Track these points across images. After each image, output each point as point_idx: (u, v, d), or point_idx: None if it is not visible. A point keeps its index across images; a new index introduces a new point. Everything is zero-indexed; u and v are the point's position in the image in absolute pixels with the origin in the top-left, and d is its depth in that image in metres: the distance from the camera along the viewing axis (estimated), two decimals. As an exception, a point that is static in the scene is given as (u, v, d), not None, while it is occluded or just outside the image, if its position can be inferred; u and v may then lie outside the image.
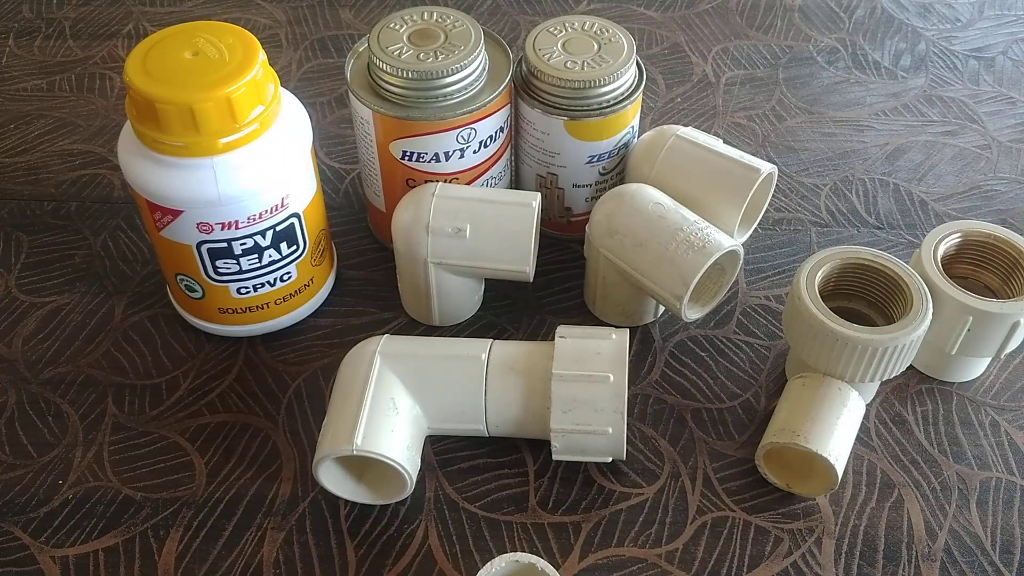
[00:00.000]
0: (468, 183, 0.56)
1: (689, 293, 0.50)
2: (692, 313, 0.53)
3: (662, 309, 0.58)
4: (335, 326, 0.58)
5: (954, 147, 0.70)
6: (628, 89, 0.56)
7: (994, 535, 0.48)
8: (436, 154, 0.54)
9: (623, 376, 0.47)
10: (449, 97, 0.52)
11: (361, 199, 0.65)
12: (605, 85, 0.54)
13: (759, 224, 0.62)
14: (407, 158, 0.55)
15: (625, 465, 0.51)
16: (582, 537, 0.48)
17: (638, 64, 0.57)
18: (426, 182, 0.55)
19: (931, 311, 0.49)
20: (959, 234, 0.53)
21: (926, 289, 0.49)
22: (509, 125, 0.57)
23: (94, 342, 0.57)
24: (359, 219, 0.64)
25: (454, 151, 0.54)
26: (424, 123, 0.53)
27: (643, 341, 0.57)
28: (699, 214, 0.53)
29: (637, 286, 0.53)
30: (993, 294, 0.54)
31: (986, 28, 0.81)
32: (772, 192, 0.59)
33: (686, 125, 0.59)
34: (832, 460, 0.47)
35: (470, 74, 0.53)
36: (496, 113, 0.54)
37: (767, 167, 0.55)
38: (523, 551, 0.44)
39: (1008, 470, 0.51)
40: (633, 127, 0.58)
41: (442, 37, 0.53)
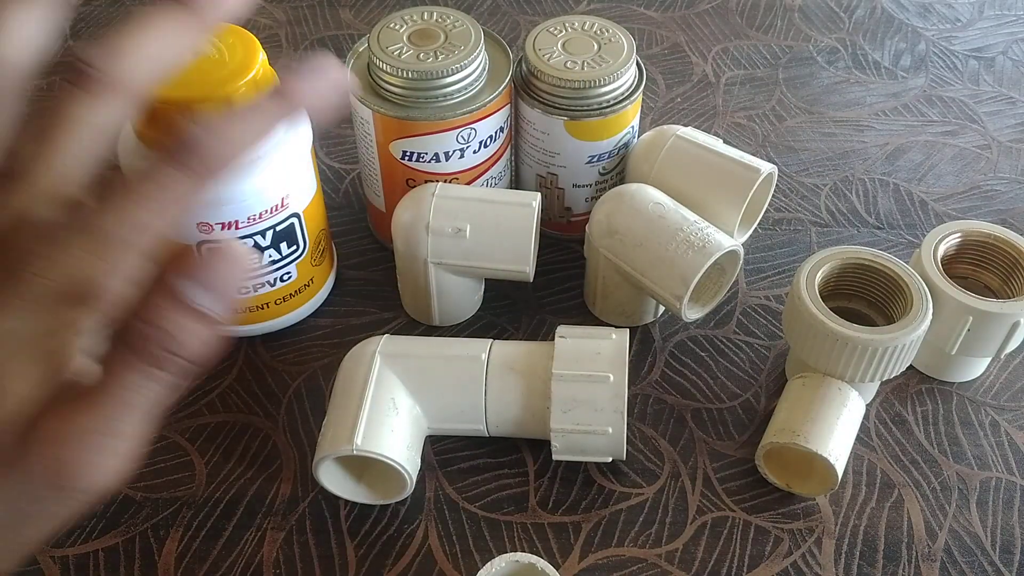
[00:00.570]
0: (468, 183, 0.56)
1: (689, 293, 0.50)
2: (692, 313, 0.53)
3: (662, 309, 0.58)
4: (335, 326, 0.58)
5: (954, 147, 0.70)
6: (628, 89, 0.56)
7: (994, 535, 0.48)
8: (436, 154, 0.54)
9: (623, 376, 0.47)
10: (449, 97, 0.52)
11: (361, 199, 0.65)
12: (605, 85, 0.54)
13: (759, 224, 0.62)
14: (407, 158, 0.55)
15: (625, 465, 0.51)
16: (582, 537, 0.48)
17: (638, 64, 0.57)
18: (426, 182, 0.55)
19: (931, 311, 0.49)
20: (959, 234, 0.53)
21: (926, 289, 0.49)
22: (509, 125, 0.57)
23: (94, 342, 0.57)
24: (359, 219, 0.64)
25: (454, 151, 0.54)
26: (424, 123, 0.53)
27: (643, 341, 0.57)
28: (699, 214, 0.53)
29: (637, 286, 0.53)
30: (993, 294, 0.54)
31: (986, 28, 0.81)
32: (772, 192, 0.59)
33: (686, 125, 0.58)
34: (832, 460, 0.47)
35: (470, 74, 0.53)
36: (496, 113, 0.54)
37: (767, 167, 0.55)
38: (523, 551, 0.44)
39: (1008, 470, 0.51)
40: (633, 127, 0.58)
41: (442, 37, 0.53)
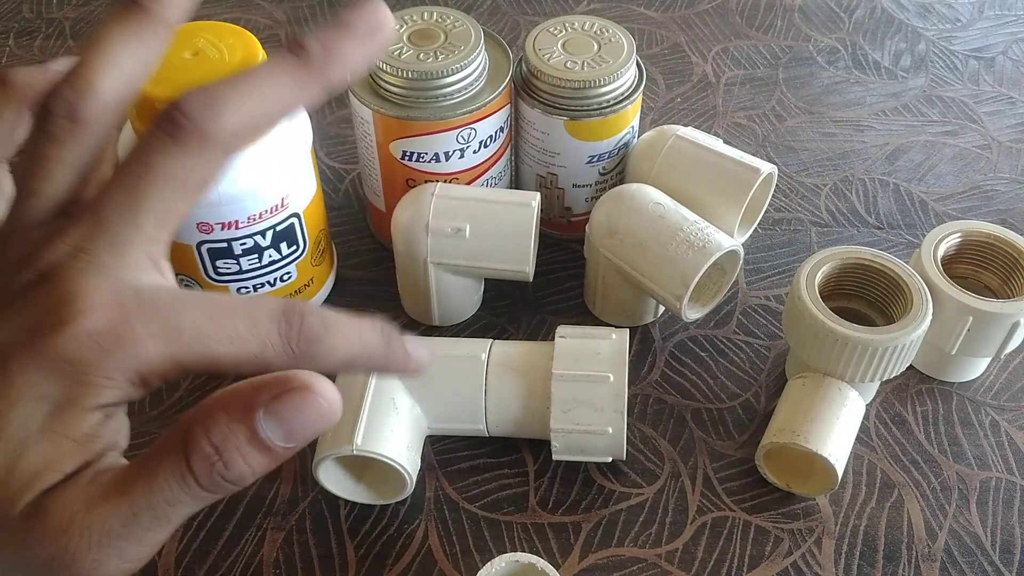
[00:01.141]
0: (468, 183, 0.56)
1: (689, 293, 0.50)
2: (692, 313, 0.53)
3: (662, 309, 0.58)
4: (335, 326, 0.58)
5: (954, 147, 0.70)
6: (628, 89, 0.56)
7: (994, 535, 0.48)
8: (436, 154, 0.54)
9: (623, 376, 0.47)
10: (449, 97, 0.52)
11: (361, 199, 0.65)
12: (605, 85, 0.54)
13: (759, 224, 0.62)
14: (407, 158, 0.55)
15: (625, 465, 0.51)
16: (582, 537, 0.48)
17: (638, 64, 0.57)
18: (426, 182, 0.55)
19: (931, 311, 0.49)
20: (959, 234, 0.53)
21: (926, 289, 0.49)
22: (509, 125, 0.57)
23: (94, 342, 0.57)
24: (359, 219, 0.64)
25: (454, 151, 0.54)
26: (424, 123, 0.53)
27: (643, 341, 0.57)
28: (699, 214, 0.53)
29: (637, 286, 0.53)
30: (993, 294, 0.54)
31: (986, 28, 0.81)
32: (772, 192, 0.59)
33: (686, 125, 0.59)
34: (832, 460, 0.47)
35: (470, 74, 0.53)
36: (496, 113, 0.54)
37: (767, 167, 0.55)
38: (523, 551, 0.44)
39: (1008, 470, 0.51)
40: (633, 127, 0.58)
41: (442, 37, 0.53)
